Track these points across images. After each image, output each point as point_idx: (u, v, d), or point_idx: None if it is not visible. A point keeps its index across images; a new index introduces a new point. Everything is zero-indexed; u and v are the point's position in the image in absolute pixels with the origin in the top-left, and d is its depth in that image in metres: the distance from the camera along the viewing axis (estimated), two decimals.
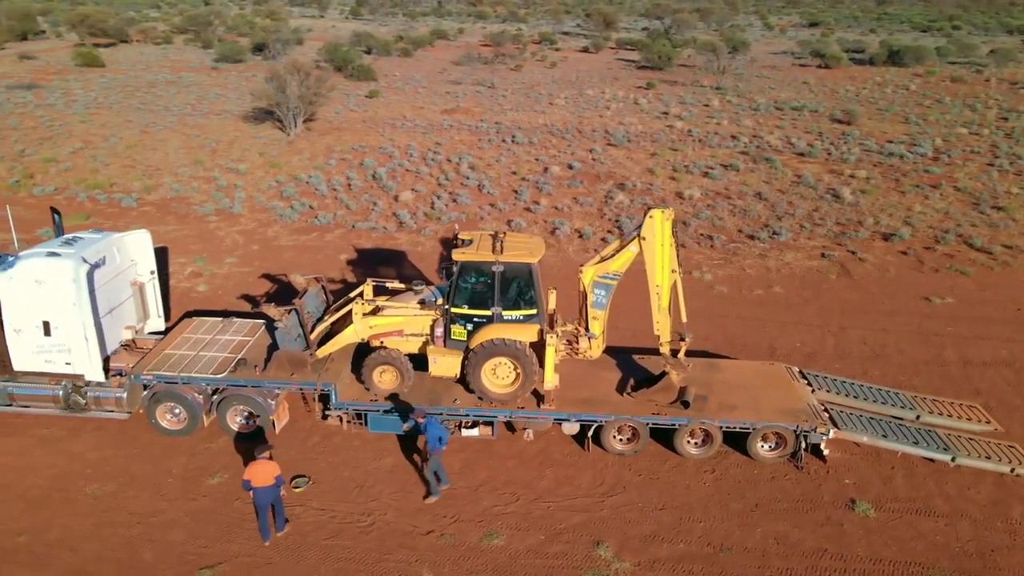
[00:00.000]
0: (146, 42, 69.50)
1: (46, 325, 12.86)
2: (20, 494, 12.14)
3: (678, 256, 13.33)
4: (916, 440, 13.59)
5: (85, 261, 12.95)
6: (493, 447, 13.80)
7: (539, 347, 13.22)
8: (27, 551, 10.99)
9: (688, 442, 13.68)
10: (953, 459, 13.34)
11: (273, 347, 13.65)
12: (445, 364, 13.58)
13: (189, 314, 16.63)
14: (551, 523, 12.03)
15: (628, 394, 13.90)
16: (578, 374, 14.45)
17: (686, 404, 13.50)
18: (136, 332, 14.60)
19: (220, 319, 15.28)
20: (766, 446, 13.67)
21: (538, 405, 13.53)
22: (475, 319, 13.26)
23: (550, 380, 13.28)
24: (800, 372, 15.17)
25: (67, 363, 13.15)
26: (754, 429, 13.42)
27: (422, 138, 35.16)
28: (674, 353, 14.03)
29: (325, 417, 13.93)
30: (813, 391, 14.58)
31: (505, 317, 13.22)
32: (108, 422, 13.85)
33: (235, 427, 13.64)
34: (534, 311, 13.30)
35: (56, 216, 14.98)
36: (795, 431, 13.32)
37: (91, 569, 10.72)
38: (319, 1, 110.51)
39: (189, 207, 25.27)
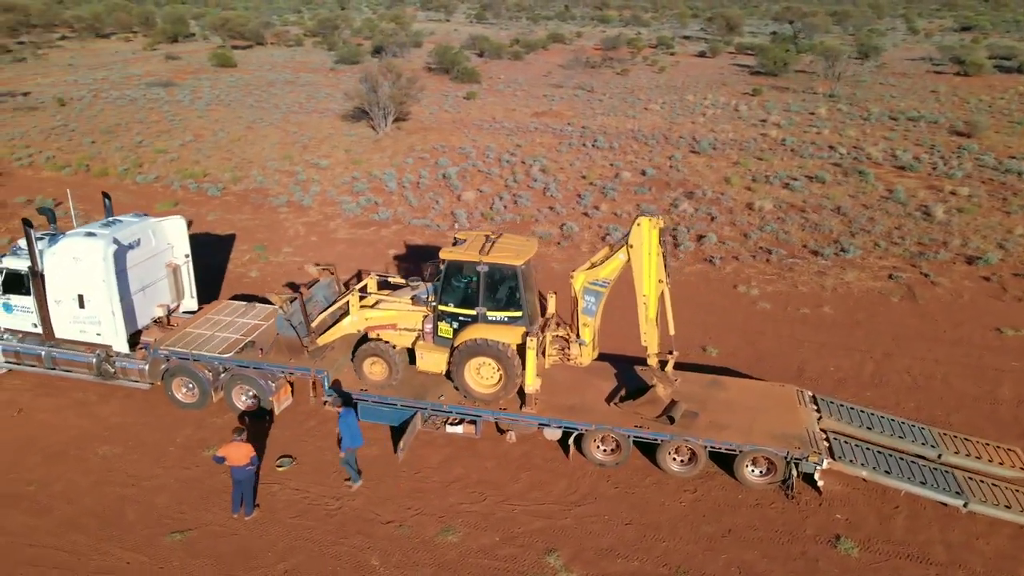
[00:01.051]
0: (279, 45, 74.25)
1: (80, 298, 14.24)
2: (41, 448, 13.53)
3: (666, 266, 12.94)
4: (925, 480, 12.54)
5: (116, 242, 14.22)
6: (477, 446, 13.94)
7: (524, 349, 13.23)
8: (31, 499, 12.25)
9: (672, 459, 13.27)
10: (965, 504, 12.21)
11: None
12: (432, 360, 13.87)
13: (234, 298, 17.81)
14: (510, 526, 12.05)
15: (615, 404, 13.65)
16: (570, 380, 14.34)
17: (671, 419, 13.10)
18: (169, 310, 15.83)
19: (244, 303, 16.29)
20: (756, 471, 13.03)
21: (520, 407, 13.54)
22: (460, 318, 13.46)
23: (531, 383, 13.26)
24: (812, 397, 14.33)
25: (97, 334, 14.51)
26: (741, 452, 12.83)
27: (504, 140, 35.63)
28: (665, 364, 13.62)
29: (326, 403, 14.56)
30: (820, 418, 13.75)
31: (490, 317, 13.33)
32: (135, 391, 15.13)
33: (240, 405, 14.55)
34: (519, 313, 13.33)
35: (107, 200, 16.51)
36: (785, 458, 12.62)
37: (81, 521, 11.81)
38: (446, 6, 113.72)
39: (266, 198, 26.95)
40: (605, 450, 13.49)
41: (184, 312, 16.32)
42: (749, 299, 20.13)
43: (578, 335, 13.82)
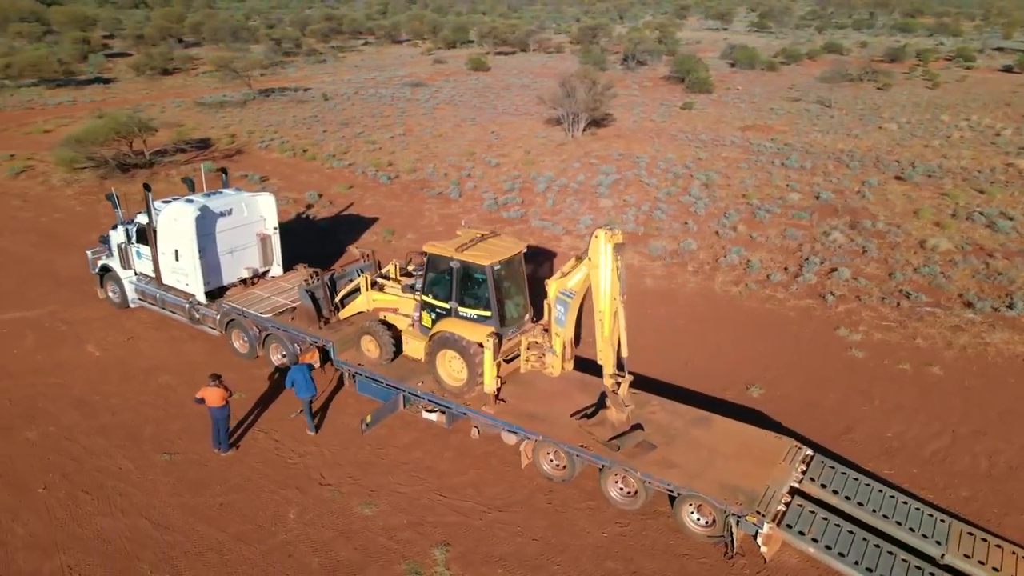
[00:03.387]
0: (540, 51, 78.38)
1: (176, 252, 17.29)
2: (125, 368, 16.72)
3: (621, 282, 12.26)
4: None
5: (206, 209, 17.02)
6: (447, 436, 14.40)
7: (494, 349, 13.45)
8: (91, 405, 15.33)
9: (616, 487, 12.58)
10: None
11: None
12: (413, 347, 14.62)
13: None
14: (425, 514, 12.43)
15: (576, 420, 13.25)
16: (550, 389, 14.17)
17: (617, 446, 12.42)
18: (256, 273, 18.43)
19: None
20: (701, 520, 11.88)
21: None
22: (438, 310, 14.03)
23: (488, 384, 13.42)
24: (809, 457, 12.54)
25: (186, 284, 17.50)
26: (678, 494, 11.79)
27: (688, 151, 34.49)
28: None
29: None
30: (802, 480, 12.04)
31: (461, 313, 13.73)
32: (213, 337, 17.91)
33: (275, 361, 16.59)
34: (488, 313, 13.53)
35: (224, 175, 19.62)
36: (723, 511, 11.36)
37: (110, 430, 14.53)
38: (725, 14, 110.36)
39: (424, 188, 29.35)
40: (557, 464, 13.18)
41: (272, 277, 18.83)
42: (843, 344, 17.73)
43: (551, 344, 13.63)
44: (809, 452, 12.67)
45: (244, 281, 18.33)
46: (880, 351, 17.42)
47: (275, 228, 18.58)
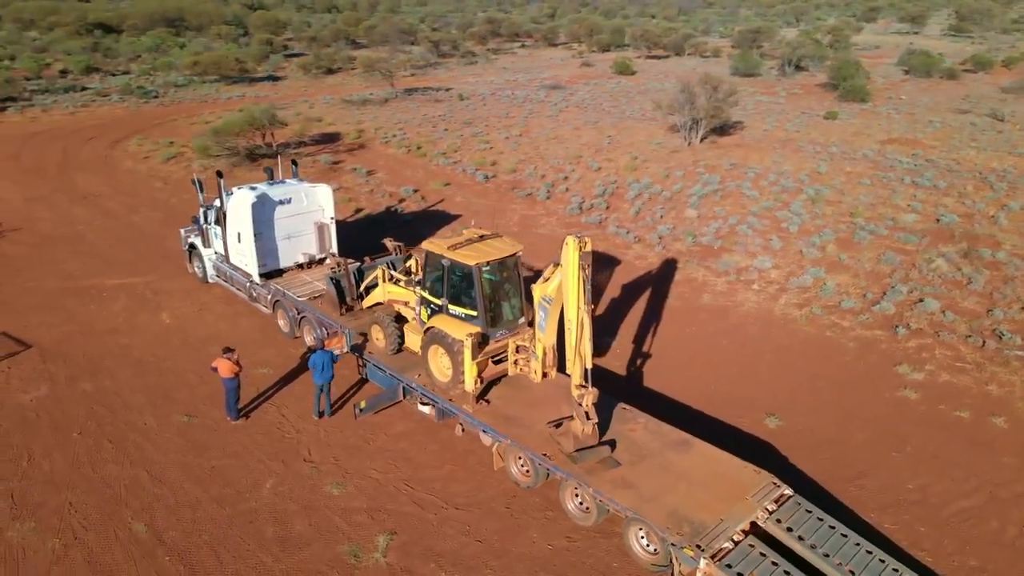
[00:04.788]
0: (696, 56, 76.09)
1: (239, 235, 18.85)
2: (185, 336, 18.42)
3: (584, 291, 11.88)
4: None
5: (265, 197, 18.41)
6: (437, 429, 14.66)
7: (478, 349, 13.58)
8: (146, 365, 17.01)
9: (573, 501, 12.27)
10: None
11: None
12: (412, 340, 15.01)
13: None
14: (385, 501, 12.77)
15: (549, 427, 13.03)
16: (540, 394, 14.05)
17: (574, 459, 12.12)
18: (312, 259, 19.66)
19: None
20: (650, 546, 11.33)
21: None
22: (432, 306, 14.31)
23: (468, 382, 13.53)
24: (787, 496, 11.55)
25: (245, 264, 19.03)
26: (626, 517, 11.31)
27: (809, 164, 32.24)
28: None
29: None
30: (766, 520, 11.13)
31: (451, 311, 13.92)
32: (266, 315, 19.34)
33: (309, 341, 17.65)
34: (474, 312, 13.63)
35: (294, 166, 21.01)
36: (665, 539, 10.77)
37: (152, 389, 16.05)
38: (916, 17, 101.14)
39: (515, 189, 29.68)
40: (525, 470, 13.05)
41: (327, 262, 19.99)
42: (898, 382, 16.00)
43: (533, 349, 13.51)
44: (787, 492, 11.66)
45: (300, 266, 19.60)
46: (939, 394, 15.54)
47: (332, 218, 19.68)
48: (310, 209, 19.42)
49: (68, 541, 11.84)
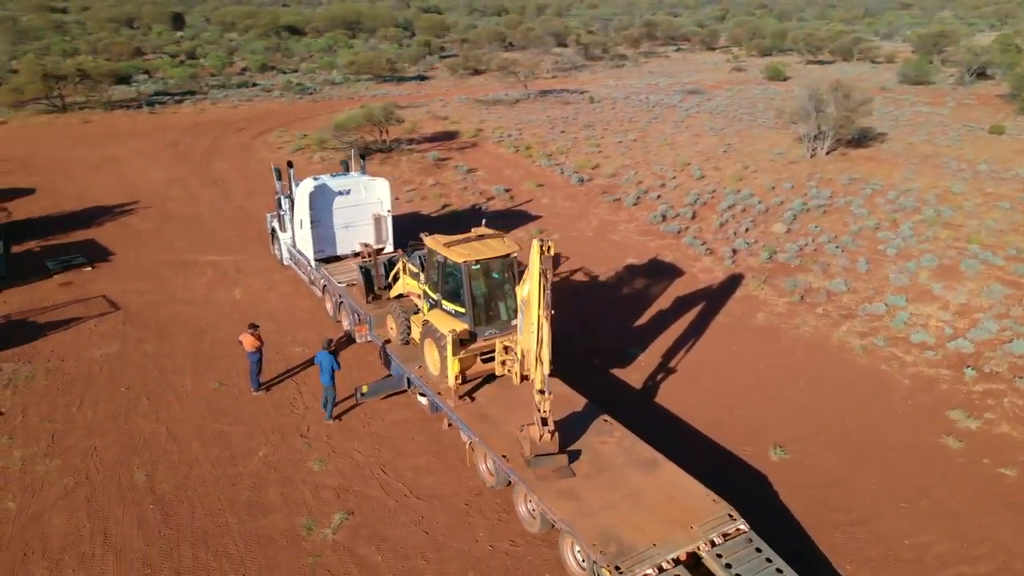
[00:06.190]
0: (865, 61, 70.68)
1: (301, 222, 20.17)
2: (246, 312, 19.83)
3: (544, 295, 11.62)
4: None
5: (324, 187, 19.55)
6: (431, 422, 14.95)
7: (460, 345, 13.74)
8: (202, 333, 18.67)
9: (526, 506, 12.12)
10: None
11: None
12: (416, 332, 15.36)
13: None
14: (355, 482, 13.26)
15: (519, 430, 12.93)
16: (524, 395, 13.88)
17: (531, 464, 11.96)
18: (368, 248, 20.59)
19: (372, 249, 19.32)
20: (584, 562, 10.98)
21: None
22: (431, 300, 14.60)
23: (449, 378, 13.71)
24: (742, 531, 10.75)
25: (305, 248, 20.32)
26: (561, 529, 11.03)
27: (945, 183, 29.09)
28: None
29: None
30: (708, 552, 10.46)
31: (444, 306, 14.14)
32: (319, 298, 20.51)
33: (346, 325, 18.56)
34: (462, 309, 13.76)
35: (362, 160, 22.02)
36: (590, 557, 10.42)
37: (198, 356, 17.54)
38: None
39: (604, 193, 29.23)
40: (489, 468, 13.04)
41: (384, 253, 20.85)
42: (944, 428, 14.28)
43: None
44: (742, 527, 10.84)
45: (357, 254, 20.59)
46: (989, 446, 13.67)
47: (388, 210, 20.52)
48: (368, 201, 20.36)
49: (80, 480, 13.34)
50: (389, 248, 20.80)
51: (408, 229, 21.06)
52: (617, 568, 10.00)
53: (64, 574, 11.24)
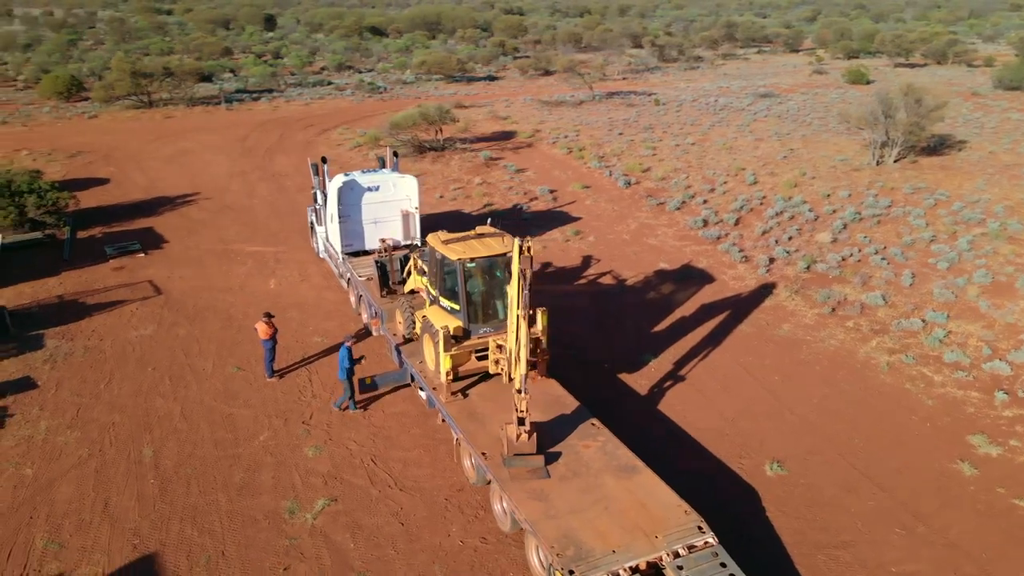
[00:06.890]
0: (961, 65, 66.97)
1: (331, 216, 20.72)
2: (275, 301, 20.53)
3: (522, 295, 11.56)
4: None
5: (352, 183, 20.03)
6: (429, 416, 15.11)
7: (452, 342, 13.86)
8: (231, 319, 19.42)
9: (500, 504, 12.11)
10: None
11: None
12: (419, 327, 15.54)
13: None
14: (346, 471, 13.55)
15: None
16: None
17: (506, 463, 11.96)
18: (396, 244, 20.95)
19: (388, 245, 19.53)
20: (546, 564, 10.89)
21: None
22: (431, 296, 14.76)
23: (441, 373, 13.83)
24: (709, 544, 10.47)
25: (334, 242, 20.86)
26: (526, 530, 10.99)
27: (1020, 194, 27.31)
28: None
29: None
30: (669, 563, 10.22)
31: (441, 303, 14.28)
32: (345, 290, 20.99)
33: (365, 317, 18.96)
34: (457, 306, 13.86)
35: (395, 157, 22.37)
36: (548, 559, 10.34)
37: (222, 342, 18.28)
38: None
39: (648, 197, 28.72)
40: (472, 462, 13.09)
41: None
42: (960, 453, 13.46)
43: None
44: (710, 540, 10.55)
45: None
46: (1006, 475, 12.80)
47: (416, 207, 20.84)
48: (397, 197, 20.73)
49: (93, 452, 14.15)
50: (417, 243, 21.13)
51: (441, 226, 21.25)
52: (571, 572, 9.88)
53: (61, 537, 11.95)
